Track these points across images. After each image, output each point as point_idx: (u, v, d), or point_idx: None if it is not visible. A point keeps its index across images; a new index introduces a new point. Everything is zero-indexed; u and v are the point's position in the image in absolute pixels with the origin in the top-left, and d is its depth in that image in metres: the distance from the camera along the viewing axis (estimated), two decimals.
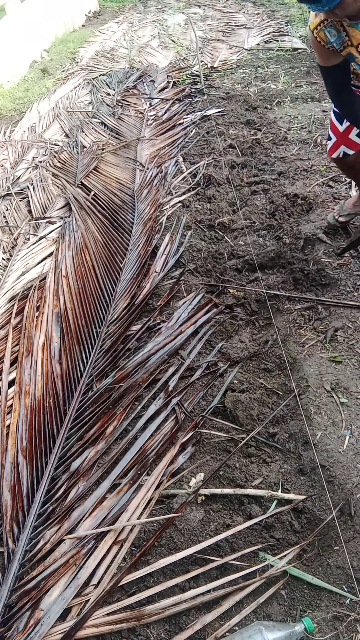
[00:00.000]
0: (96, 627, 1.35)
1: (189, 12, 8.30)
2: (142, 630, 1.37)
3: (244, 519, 1.56)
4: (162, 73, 5.68)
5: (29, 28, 7.33)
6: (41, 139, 4.69)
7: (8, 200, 3.71)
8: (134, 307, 2.44)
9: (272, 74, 5.10)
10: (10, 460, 1.82)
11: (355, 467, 1.62)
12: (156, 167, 3.71)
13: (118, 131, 4.47)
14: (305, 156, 3.48)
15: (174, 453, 1.76)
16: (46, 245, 3.07)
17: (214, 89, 4.94)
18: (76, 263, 2.80)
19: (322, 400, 1.85)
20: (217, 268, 2.62)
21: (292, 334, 2.15)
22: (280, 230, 2.75)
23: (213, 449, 1.80)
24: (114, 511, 1.61)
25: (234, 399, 1.89)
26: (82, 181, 3.67)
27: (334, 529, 1.49)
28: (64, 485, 1.73)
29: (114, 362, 2.19)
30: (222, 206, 3.06)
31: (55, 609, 1.40)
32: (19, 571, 1.52)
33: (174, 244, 2.84)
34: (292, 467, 1.69)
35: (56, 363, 2.21)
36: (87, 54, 7.18)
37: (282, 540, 1.51)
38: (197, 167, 3.57)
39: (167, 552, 1.52)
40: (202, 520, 1.58)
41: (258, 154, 3.59)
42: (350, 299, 2.25)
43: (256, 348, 2.14)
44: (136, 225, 3.12)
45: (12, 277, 2.85)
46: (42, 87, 6.33)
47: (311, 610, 1.37)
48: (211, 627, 1.36)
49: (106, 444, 1.84)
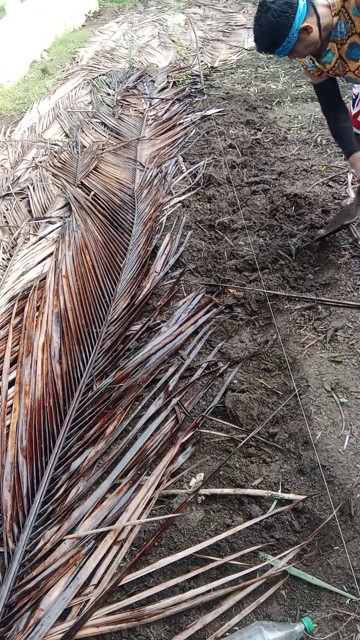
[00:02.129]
0: (96, 627, 1.35)
1: (189, 12, 8.30)
2: (142, 630, 1.37)
3: (244, 519, 1.56)
4: (162, 73, 5.69)
5: (29, 28, 7.33)
6: (41, 139, 4.70)
7: (8, 200, 3.71)
8: (134, 307, 2.44)
9: (272, 74, 5.10)
10: (10, 460, 1.82)
11: (355, 467, 1.62)
12: (156, 167, 3.71)
13: (118, 131, 4.48)
14: (305, 156, 3.48)
15: (174, 453, 1.76)
16: (46, 245, 3.07)
17: (214, 89, 4.94)
18: (76, 263, 2.80)
19: (322, 400, 1.85)
20: (217, 268, 2.62)
21: (292, 334, 2.15)
22: (280, 230, 2.75)
23: (213, 449, 1.80)
24: (114, 511, 1.61)
25: (234, 399, 1.89)
26: (82, 181, 3.68)
27: (334, 529, 1.49)
28: (64, 485, 1.73)
29: (114, 362, 2.19)
30: (222, 206, 3.06)
31: (55, 609, 1.40)
32: (19, 571, 1.52)
33: (174, 244, 2.84)
34: (292, 467, 1.69)
35: (56, 363, 2.21)
36: (87, 54, 7.18)
37: (282, 540, 1.51)
38: (197, 167, 3.57)
39: (167, 552, 1.52)
40: (202, 520, 1.58)
41: (258, 154, 3.59)
42: (350, 299, 2.25)
43: (256, 348, 2.14)
44: (136, 225, 3.12)
45: (12, 277, 2.85)
46: (42, 87, 6.33)
47: (311, 610, 1.37)
48: (211, 627, 1.35)
49: (106, 444, 1.84)
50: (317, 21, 1.87)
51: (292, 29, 1.84)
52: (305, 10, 1.84)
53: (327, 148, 3.48)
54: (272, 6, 1.83)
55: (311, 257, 2.53)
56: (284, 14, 1.82)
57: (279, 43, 1.88)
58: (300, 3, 1.83)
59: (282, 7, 1.82)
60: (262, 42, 1.93)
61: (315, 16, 1.87)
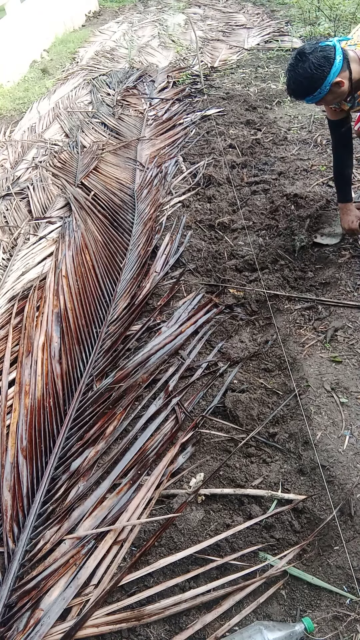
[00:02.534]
0: (96, 627, 1.35)
1: (189, 12, 8.31)
2: (142, 630, 1.37)
3: (244, 519, 1.56)
4: (162, 73, 5.69)
5: (29, 28, 7.33)
6: (41, 139, 4.70)
7: (8, 200, 3.71)
8: (134, 307, 2.44)
9: (272, 74, 5.10)
10: (10, 460, 1.82)
11: (355, 467, 1.62)
12: (156, 167, 3.71)
13: (118, 131, 4.48)
14: (305, 156, 3.48)
15: (174, 453, 1.76)
16: (46, 245, 3.07)
17: (214, 89, 4.94)
18: (76, 263, 2.80)
19: (322, 400, 1.85)
20: (217, 268, 2.62)
21: (292, 334, 2.15)
22: (280, 230, 2.74)
23: (213, 449, 1.80)
24: (114, 511, 1.61)
25: (234, 399, 1.89)
26: (82, 181, 3.68)
27: (334, 529, 1.49)
28: (64, 485, 1.73)
29: (114, 362, 2.19)
30: (222, 206, 3.06)
31: (55, 609, 1.40)
32: (19, 571, 1.52)
33: (174, 244, 2.84)
34: (292, 467, 1.69)
35: (56, 363, 2.21)
36: (87, 54, 7.18)
37: (282, 540, 1.51)
38: (197, 167, 3.57)
39: (167, 552, 1.52)
40: (202, 520, 1.58)
41: (258, 154, 3.59)
42: (350, 299, 2.25)
43: (256, 348, 2.14)
44: (136, 225, 3.12)
45: (12, 277, 2.85)
46: (42, 87, 6.33)
47: (311, 610, 1.37)
48: (211, 627, 1.36)
49: (106, 444, 1.84)
50: (349, 76, 1.94)
51: (326, 82, 1.90)
52: (340, 66, 1.90)
53: (327, 148, 3.48)
54: (311, 58, 1.88)
55: (311, 257, 2.53)
56: (321, 68, 1.88)
57: (310, 93, 1.95)
58: (337, 58, 1.88)
59: (320, 60, 1.88)
60: (294, 89, 2.00)
61: (348, 71, 1.93)
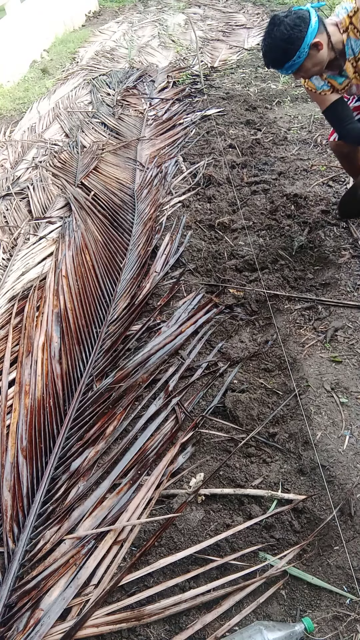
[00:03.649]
0: (96, 627, 1.35)
1: (189, 12, 8.30)
2: (142, 630, 1.37)
3: (244, 519, 1.56)
4: (162, 73, 5.68)
5: (29, 28, 7.33)
6: (41, 139, 4.70)
7: (8, 200, 3.71)
8: (134, 307, 2.44)
9: (272, 74, 5.09)
10: (10, 460, 1.82)
11: (355, 467, 1.62)
12: (156, 167, 3.71)
13: (118, 131, 4.47)
14: (305, 156, 3.48)
15: (174, 453, 1.76)
16: (46, 245, 3.07)
17: (214, 89, 4.94)
18: (76, 263, 2.80)
19: (322, 400, 1.85)
20: (217, 268, 2.62)
21: (292, 334, 2.15)
22: (280, 230, 2.75)
23: (213, 449, 1.80)
24: (114, 511, 1.61)
25: (234, 399, 1.89)
26: (82, 181, 3.68)
27: (334, 529, 1.49)
28: (64, 485, 1.73)
29: (114, 362, 2.19)
30: (222, 206, 3.06)
31: (55, 609, 1.40)
32: (19, 571, 1.52)
33: (174, 244, 2.84)
34: (292, 467, 1.69)
35: (56, 363, 2.21)
36: (87, 54, 7.18)
37: (282, 540, 1.51)
38: (197, 167, 3.57)
39: (167, 552, 1.52)
40: (202, 520, 1.58)
41: (258, 154, 3.59)
42: (350, 299, 2.25)
43: (256, 348, 2.14)
44: (136, 225, 3.12)
45: (12, 277, 2.85)
46: (42, 87, 6.33)
47: (311, 610, 1.37)
48: (211, 627, 1.35)
49: (106, 444, 1.84)
50: (328, 39, 1.87)
51: (304, 42, 1.83)
52: (317, 26, 1.84)
53: (327, 148, 3.48)
54: (285, 20, 1.83)
55: (311, 257, 2.53)
56: (297, 27, 1.82)
57: (290, 56, 1.87)
58: (312, 19, 1.83)
59: (294, 20, 1.83)
60: (272, 55, 1.91)
61: (326, 34, 1.87)
